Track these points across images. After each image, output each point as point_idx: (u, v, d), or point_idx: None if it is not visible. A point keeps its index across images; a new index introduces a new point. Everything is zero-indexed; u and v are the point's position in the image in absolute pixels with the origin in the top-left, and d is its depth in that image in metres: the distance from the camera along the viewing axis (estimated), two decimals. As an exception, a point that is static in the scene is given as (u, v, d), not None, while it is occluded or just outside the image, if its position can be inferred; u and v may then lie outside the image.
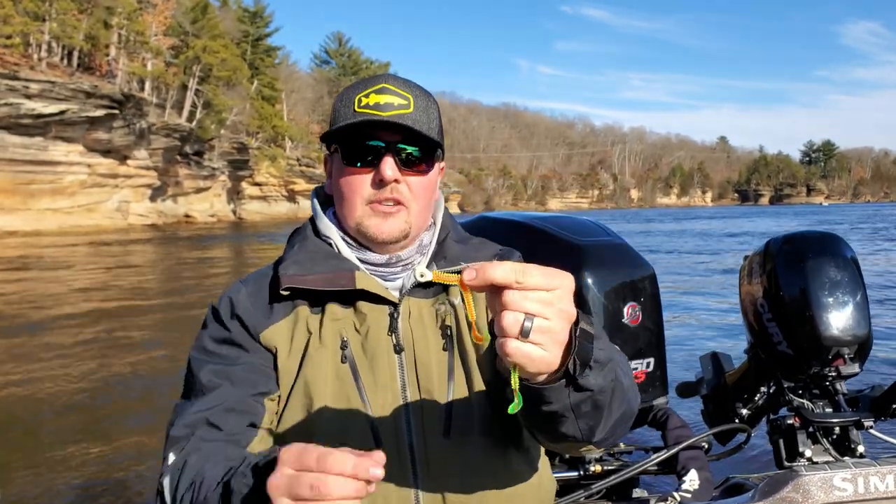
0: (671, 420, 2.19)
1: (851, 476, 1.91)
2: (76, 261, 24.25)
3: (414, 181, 1.29)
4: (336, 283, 1.26)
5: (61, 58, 52.70)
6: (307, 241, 1.35)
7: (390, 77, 1.31)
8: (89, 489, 4.99)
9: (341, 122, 1.27)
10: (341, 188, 1.31)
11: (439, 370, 1.27)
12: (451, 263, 1.31)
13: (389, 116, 1.24)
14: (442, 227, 1.41)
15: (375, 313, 1.28)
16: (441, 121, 1.34)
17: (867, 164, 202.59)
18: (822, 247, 2.10)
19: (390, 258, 1.32)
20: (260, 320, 1.28)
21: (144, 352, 9.47)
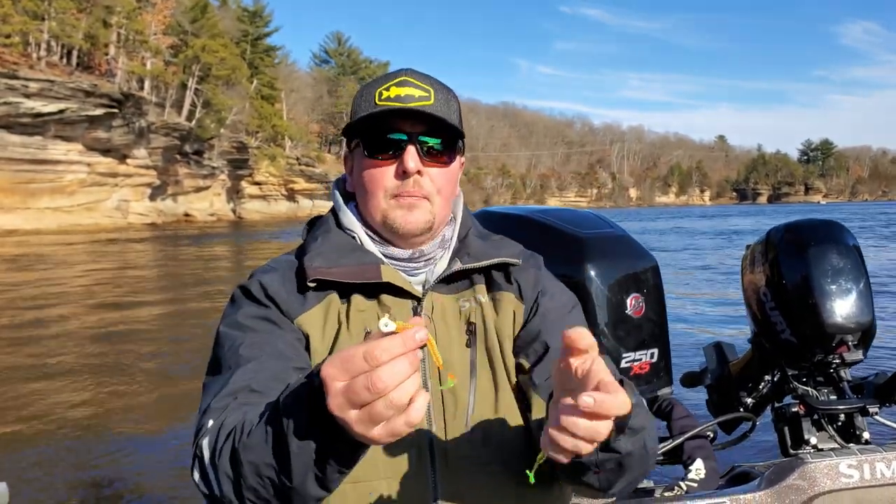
0: (676, 410, 2.20)
1: (857, 462, 1.92)
2: (77, 259, 24.24)
3: (436, 173, 1.28)
4: (362, 276, 1.26)
5: (60, 57, 52.65)
6: (330, 233, 1.34)
7: (410, 71, 1.31)
8: (93, 481, 5.02)
9: (362, 114, 1.27)
10: (364, 181, 1.30)
11: (462, 367, 1.27)
12: (474, 259, 1.32)
13: (410, 107, 1.24)
14: (462, 222, 1.40)
15: (398, 307, 1.28)
16: (461, 114, 1.34)
17: (865, 163, 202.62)
18: (824, 234, 2.10)
19: (413, 253, 1.32)
20: (294, 306, 1.26)
21: (146, 346, 9.52)
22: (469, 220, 1.42)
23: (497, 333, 1.32)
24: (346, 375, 0.83)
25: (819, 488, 1.91)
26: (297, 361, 1.21)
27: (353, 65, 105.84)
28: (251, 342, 1.22)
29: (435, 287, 1.31)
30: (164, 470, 5.23)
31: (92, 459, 5.42)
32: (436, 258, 1.34)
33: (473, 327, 1.30)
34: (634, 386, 1.21)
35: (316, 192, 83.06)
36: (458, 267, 1.30)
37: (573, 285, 2.03)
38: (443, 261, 1.34)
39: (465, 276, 1.33)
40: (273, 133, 78.78)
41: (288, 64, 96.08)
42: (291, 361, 1.20)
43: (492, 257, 1.33)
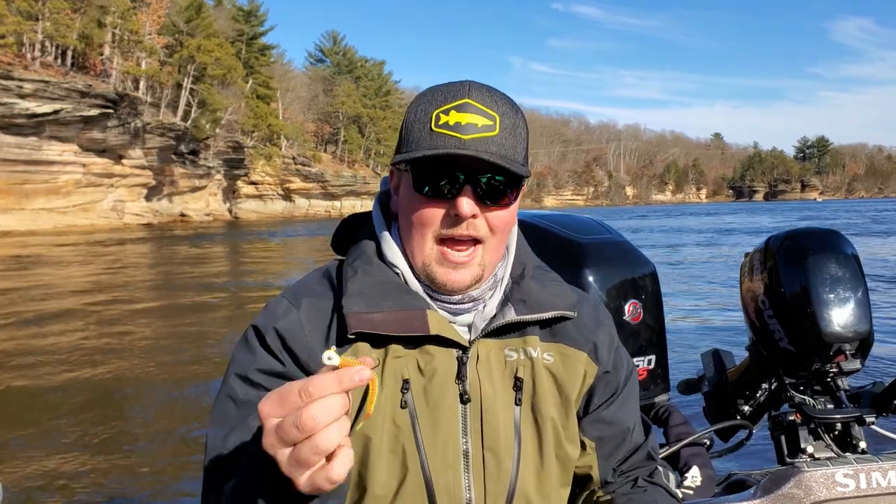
0: (673, 417, 2.19)
1: (853, 472, 1.91)
2: (73, 259, 24.18)
3: (493, 216, 1.13)
4: (408, 328, 1.12)
5: (55, 57, 52.47)
6: (372, 266, 1.19)
7: (474, 89, 1.12)
8: (88, 480, 5.00)
9: (415, 147, 1.11)
10: (410, 217, 1.15)
11: (506, 427, 1.16)
12: (530, 310, 1.20)
13: (470, 141, 1.08)
14: (516, 258, 1.26)
15: (442, 356, 1.15)
16: (528, 140, 1.18)
17: (861, 160, 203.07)
18: (823, 243, 2.10)
19: (462, 298, 1.18)
20: (315, 353, 1.12)
21: (144, 343, 9.50)
22: (524, 254, 1.29)
23: (558, 392, 1.22)
24: (280, 411, 0.78)
25: (815, 497, 1.91)
26: None
27: (348, 64, 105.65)
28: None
29: (483, 336, 1.18)
30: (163, 466, 5.24)
31: (89, 458, 5.39)
32: (485, 299, 1.20)
33: (521, 384, 1.19)
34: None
35: (312, 192, 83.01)
36: (513, 318, 1.18)
37: (571, 292, 2.04)
38: (492, 301, 1.21)
39: (518, 325, 1.20)
40: (269, 132, 78.62)
41: (283, 63, 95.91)
42: None
43: (548, 309, 1.21)
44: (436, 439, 1.13)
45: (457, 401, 1.15)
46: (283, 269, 19.56)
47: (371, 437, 1.12)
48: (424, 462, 1.12)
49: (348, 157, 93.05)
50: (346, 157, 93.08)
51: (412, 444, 1.12)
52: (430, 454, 1.13)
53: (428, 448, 1.13)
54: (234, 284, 16.90)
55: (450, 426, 1.14)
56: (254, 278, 18.32)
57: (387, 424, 1.13)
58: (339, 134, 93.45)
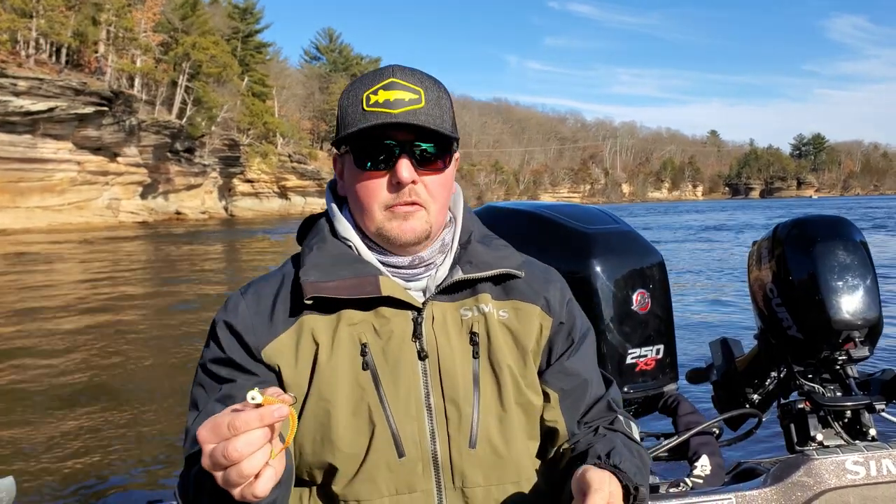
0: (682, 406, 2.19)
1: (863, 459, 1.91)
2: (70, 257, 24.12)
3: (431, 180, 1.23)
4: (361, 291, 1.20)
5: (49, 55, 52.23)
6: (326, 242, 1.28)
7: (397, 70, 1.22)
8: (95, 474, 5.02)
9: (351, 127, 1.21)
10: (357, 193, 1.25)
11: (465, 379, 1.23)
12: (477, 269, 1.28)
13: (401, 114, 1.17)
14: (463, 224, 1.35)
15: (398, 318, 1.23)
16: (454, 112, 1.28)
17: (857, 158, 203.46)
18: (831, 230, 2.10)
19: (413, 260, 1.27)
20: (260, 337, 1.22)
21: (141, 339, 9.50)
22: (470, 221, 1.37)
23: (514, 344, 1.28)
24: (215, 439, 0.90)
25: (825, 485, 1.91)
26: None
27: (344, 61, 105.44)
28: (216, 395, 1.21)
29: (436, 296, 1.26)
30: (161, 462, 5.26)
31: (91, 454, 5.40)
32: (436, 263, 1.29)
33: (477, 338, 1.26)
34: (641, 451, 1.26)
35: (308, 189, 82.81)
36: (460, 277, 1.26)
37: (579, 281, 2.03)
38: (444, 266, 1.29)
39: (468, 284, 1.29)
40: (264, 130, 78.43)
41: (279, 61, 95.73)
42: None
43: (494, 267, 1.29)
44: (398, 394, 1.20)
45: (415, 357, 1.22)
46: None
47: (334, 401, 1.19)
48: (390, 417, 1.19)
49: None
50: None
51: (377, 401, 1.19)
52: (395, 409, 1.20)
53: (392, 404, 1.20)
54: (231, 280, 16.88)
55: (411, 381, 1.21)
56: (250, 275, 18.29)
57: (349, 388, 1.20)
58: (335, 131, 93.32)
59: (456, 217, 1.35)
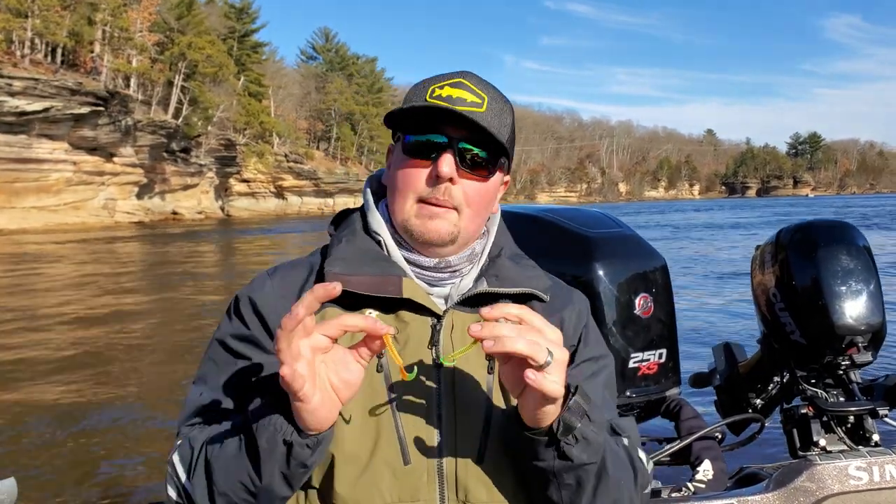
0: (684, 411, 2.19)
1: (866, 465, 1.91)
2: (66, 257, 24.08)
3: (470, 185, 1.21)
4: (382, 289, 1.20)
5: (45, 55, 52.14)
6: (356, 236, 1.28)
7: (469, 74, 1.24)
8: (96, 473, 5.04)
9: (407, 106, 1.22)
10: (395, 179, 1.24)
11: (478, 392, 1.21)
12: (503, 283, 1.26)
13: (459, 111, 1.17)
14: (496, 241, 1.33)
15: (417, 323, 1.22)
16: (514, 131, 1.27)
17: (853, 156, 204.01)
18: (834, 235, 2.09)
19: (439, 262, 1.25)
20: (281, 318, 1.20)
21: (138, 347, 9.47)
22: (504, 239, 1.36)
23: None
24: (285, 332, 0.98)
25: (827, 490, 1.91)
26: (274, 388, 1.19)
27: (341, 61, 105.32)
28: (233, 370, 1.22)
29: (457, 305, 1.24)
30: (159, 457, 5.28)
31: (91, 452, 5.43)
32: (462, 272, 1.28)
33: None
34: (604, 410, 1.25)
35: (305, 189, 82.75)
36: (484, 289, 1.24)
37: (581, 285, 2.01)
38: (469, 276, 1.28)
39: (490, 298, 1.25)
40: (261, 130, 78.38)
41: (275, 60, 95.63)
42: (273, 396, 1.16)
43: (521, 285, 1.27)
44: (409, 400, 1.19)
45: (430, 365, 1.20)
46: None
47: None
48: (398, 423, 1.17)
49: (341, 155, 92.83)
50: (339, 155, 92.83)
51: (386, 406, 1.18)
52: (405, 415, 1.18)
53: (402, 409, 1.18)
54: (228, 278, 16.85)
55: (423, 388, 1.19)
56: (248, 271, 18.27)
57: (362, 387, 1.15)
58: (331, 131, 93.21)
59: (490, 231, 1.34)
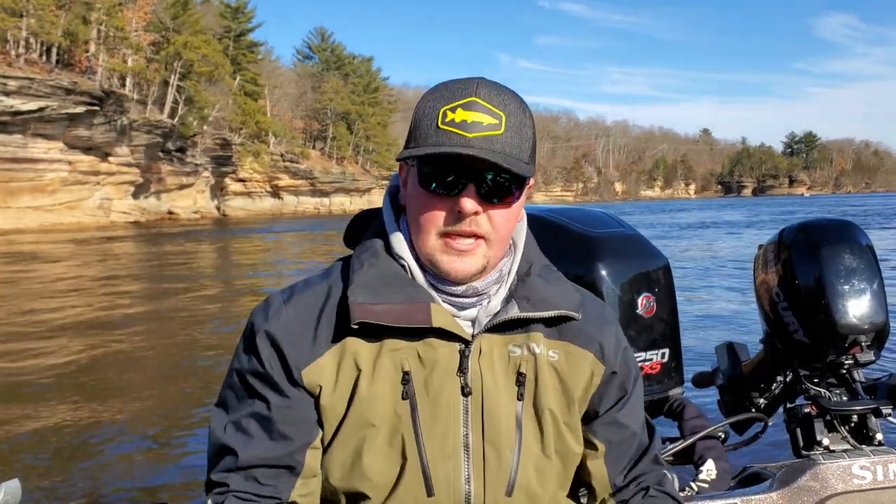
0: (687, 410, 2.19)
1: (870, 464, 1.91)
2: (63, 256, 24.02)
3: (496, 213, 1.14)
4: (412, 319, 1.14)
5: (40, 54, 51.95)
6: (378, 259, 1.20)
7: (482, 87, 1.13)
8: (99, 476, 5.02)
9: (422, 143, 1.13)
10: (415, 212, 1.17)
11: (507, 420, 1.17)
12: (534, 307, 1.20)
13: (475, 139, 1.09)
14: (524, 255, 1.27)
15: (445, 349, 1.17)
16: (535, 138, 1.19)
17: (848, 155, 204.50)
18: (837, 234, 2.09)
19: (466, 289, 1.19)
20: (303, 355, 1.16)
21: (134, 335, 9.48)
22: (532, 251, 1.29)
23: (562, 389, 1.22)
24: None
25: (831, 490, 1.91)
26: (299, 438, 1.16)
27: (336, 60, 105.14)
28: (248, 406, 1.18)
29: (485, 330, 1.19)
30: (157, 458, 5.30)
31: (92, 454, 5.42)
32: (490, 294, 1.21)
33: (523, 378, 1.20)
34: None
35: (301, 189, 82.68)
36: (515, 315, 1.18)
37: (584, 284, 2.00)
38: (497, 296, 1.22)
39: (522, 322, 1.21)
40: (257, 129, 78.21)
41: (271, 60, 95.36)
42: (293, 441, 1.16)
43: (552, 307, 1.21)
44: (435, 430, 1.15)
45: (458, 393, 1.16)
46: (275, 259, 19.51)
47: (370, 429, 1.15)
48: (423, 453, 1.14)
49: (337, 154, 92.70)
50: (335, 154, 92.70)
51: (411, 434, 1.14)
52: (429, 445, 1.14)
53: (427, 439, 1.14)
54: (224, 278, 16.83)
55: (450, 417, 1.15)
56: (246, 270, 18.24)
57: (387, 414, 1.15)
58: (327, 131, 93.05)
59: (517, 245, 1.27)
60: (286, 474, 1.16)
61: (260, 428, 1.16)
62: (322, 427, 1.18)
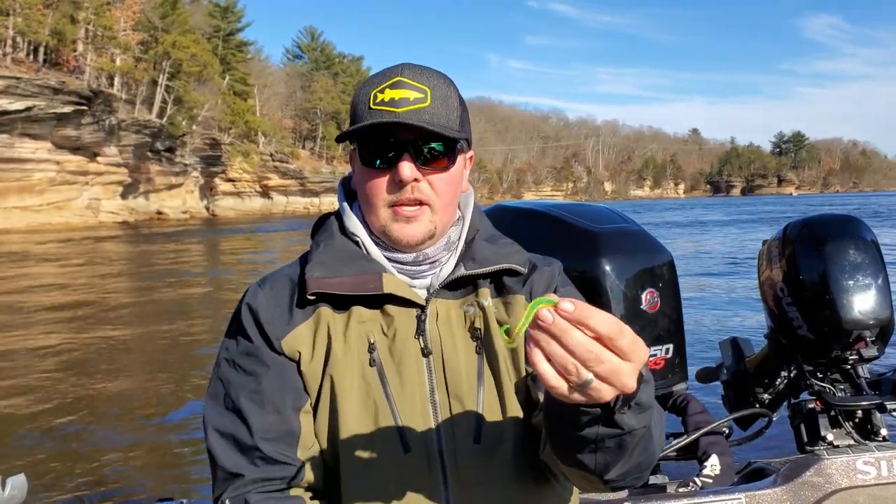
0: (691, 406, 2.19)
1: (874, 459, 1.91)
2: (50, 257, 23.87)
3: (436, 179, 1.23)
4: (364, 287, 1.23)
5: (27, 53, 51.57)
6: (333, 239, 1.30)
7: (406, 68, 1.23)
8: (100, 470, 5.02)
9: (355, 124, 1.22)
10: (363, 190, 1.26)
11: (468, 374, 1.24)
12: (479, 265, 1.28)
13: (404, 113, 1.18)
14: (471, 224, 1.35)
15: (402, 316, 1.25)
16: (464, 108, 1.28)
17: (836, 155, 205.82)
18: (842, 230, 2.10)
19: (418, 256, 1.28)
20: (280, 327, 1.24)
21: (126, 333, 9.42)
22: (478, 219, 1.37)
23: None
24: None
25: (835, 485, 1.91)
26: (290, 404, 1.22)
27: (326, 60, 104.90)
28: (244, 389, 1.23)
29: (439, 293, 1.27)
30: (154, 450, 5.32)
31: (92, 451, 5.41)
32: (441, 261, 1.30)
33: (479, 333, 1.27)
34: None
35: (291, 189, 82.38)
36: (462, 273, 1.27)
37: (588, 280, 2.01)
38: (448, 264, 1.30)
39: (470, 281, 1.29)
40: (246, 129, 77.88)
41: (261, 59, 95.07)
42: (284, 408, 1.22)
43: (496, 263, 1.29)
44: (404, 392, 1.22)
45: (419, 354, 1.24)
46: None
47: (344, 395, 1.22)
48: (396, 413, 1.21)
49: (327, 154, 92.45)
50: (325, 154, 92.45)
51: (382, 398, 1.22)
52: (400, 405, 1.22)
53: (398, 400, 1.22)
54: (213, 275, 16.76)
55: (415, 378, 1.23)
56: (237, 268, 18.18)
57: (357, 382, 1.22)
58: (317, 130, 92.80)
59: (465, 216, 1.35)
60: (288, 441, 1.21)
61: (252, 402, 1.22)
62: (308, 394, 1.24)
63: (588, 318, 0.81)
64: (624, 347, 0.82)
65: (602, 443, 0.98)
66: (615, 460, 1.02)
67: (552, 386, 0.83)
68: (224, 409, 1.24)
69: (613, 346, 0.82)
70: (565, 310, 0.81)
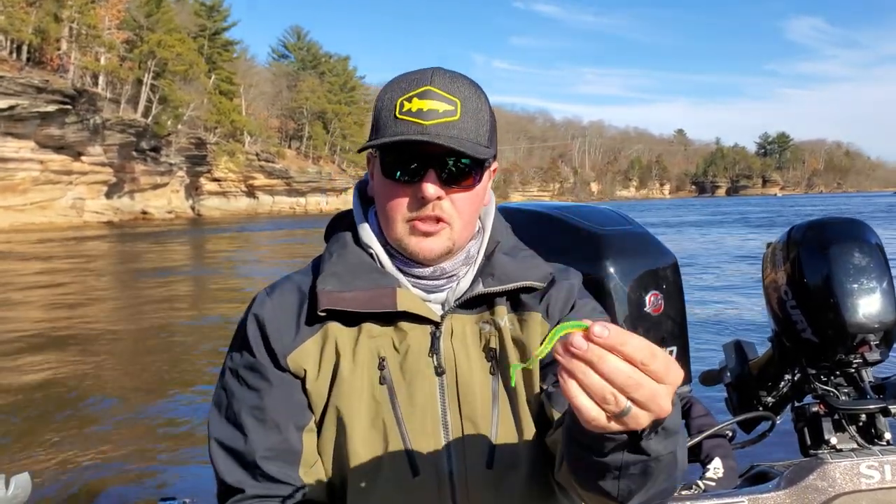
0: (695, 408, 2.19)
1: (878, 464, 1.91)
2: (33, 256, 23.67)
3: (459, 197, 1.17)
4: (377, 304, 1.17)
5: (10, 52, 51.07)
6: (347, 249, 1.25)
7: (437, 76, 1.15)
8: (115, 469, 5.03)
9: (381, 134, 1.16)
10: (382, 201, 1.21)
11: (483, 395, 1.20)
12: (497, 282, 1.22)
13: (432, 126, 1.12)
14: (492, 235, 1.29)
15: (416, 332, 1.20)
16: (493, 121, 1.21)
17: (820, 156, 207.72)
18: (846, 233, 2.10)
19: (434, 271, 1.22)
20: (286, 342, 1.20)
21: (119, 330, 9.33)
22: (500, 232, 1.31)
23: (521, 354, 1.23)
24: None
25: (838, 489, 1.91)
26: (293, 422, 1.20)
27: (312, 59, 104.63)
28: (248, 405, 1.20)
29: (454, 309, 1.22)
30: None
31: (93, 451, 5.39)
32: (459, 275, 1.24)
33: (494, 353, 1.22)
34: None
35: (276, 188, 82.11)
36: (480, 291, 1.21)
37: (592, 282, 2.00)
38: (466, 278, 1.24)
39: (487, 297, 1.24)
40: (232, 129, 77.52)
41: (246, 59, 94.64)
42: (287, 427, 1.19)
43: (515, 280, 1.23)
44: (414, 411, 1.18)
45: (432, 373, 1.19)
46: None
47: (352, 414, 1.17)
48: (405, 433, 1.17)
49: (313, 154, 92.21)
50: (311, 154, 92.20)
51: (392, 417, 1.17)
52: (410, 425, 1.17)
53: (407, 420, 1.17)
54: (196, 272, 16.68)
55: (427, 398, 1.19)
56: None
57: (365, 400, 1.18)
58: (303, 130, 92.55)
59: (485, 227, 1.29)
60: (289, 459, 1.18)
61: (253, 419, 1.19)
62: (312, 412, 1.21)
63: (624, 345, 0.74)
64: (658, 370, 0.76)
65: (626, 469, 0.92)
66: (638, 488, 0.97)
67: (592, 418, 0.77)
68: (225, 421, 1.22)
69: (647, 371, 0.76)
70: (599, 335, 0.74)
